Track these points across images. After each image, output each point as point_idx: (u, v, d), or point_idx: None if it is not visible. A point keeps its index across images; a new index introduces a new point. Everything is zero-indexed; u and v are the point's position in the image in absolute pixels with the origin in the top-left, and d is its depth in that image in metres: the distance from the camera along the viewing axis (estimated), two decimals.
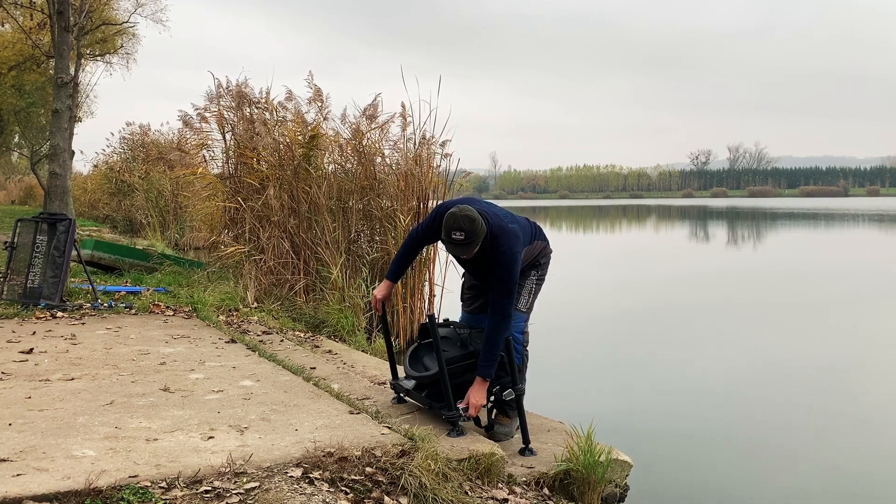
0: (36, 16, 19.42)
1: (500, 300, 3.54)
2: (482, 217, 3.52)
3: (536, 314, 3.97)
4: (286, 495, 2.63)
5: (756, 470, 4.72)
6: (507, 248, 3.55)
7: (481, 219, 3.50)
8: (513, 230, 3.62)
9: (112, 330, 5.75)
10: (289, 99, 9.10)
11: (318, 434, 3.26)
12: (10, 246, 6.98)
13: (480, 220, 3.49)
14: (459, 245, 3.48)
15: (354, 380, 4.61)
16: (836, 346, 8.44)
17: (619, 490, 3.65)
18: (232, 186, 9.18)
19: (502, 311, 3.53)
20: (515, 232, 3.63)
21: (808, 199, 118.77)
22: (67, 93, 10.71)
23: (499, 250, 3.54)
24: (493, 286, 3.60)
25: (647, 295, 12.57)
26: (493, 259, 3.57)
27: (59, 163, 10.56)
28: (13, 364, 4.48)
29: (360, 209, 8.52)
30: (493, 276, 3.60)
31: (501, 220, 3.62)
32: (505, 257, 3.54)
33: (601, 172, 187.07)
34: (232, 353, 5.02)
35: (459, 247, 3.50)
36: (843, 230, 32.69)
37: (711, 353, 8.14)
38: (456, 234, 3.46)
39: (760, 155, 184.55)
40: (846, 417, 5.86)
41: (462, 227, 3.45)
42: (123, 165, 21.87)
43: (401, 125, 8.51)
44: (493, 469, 3.27)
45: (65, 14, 10.68)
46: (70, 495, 2.51)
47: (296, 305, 7.67)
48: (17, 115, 30.27)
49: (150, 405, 3.67)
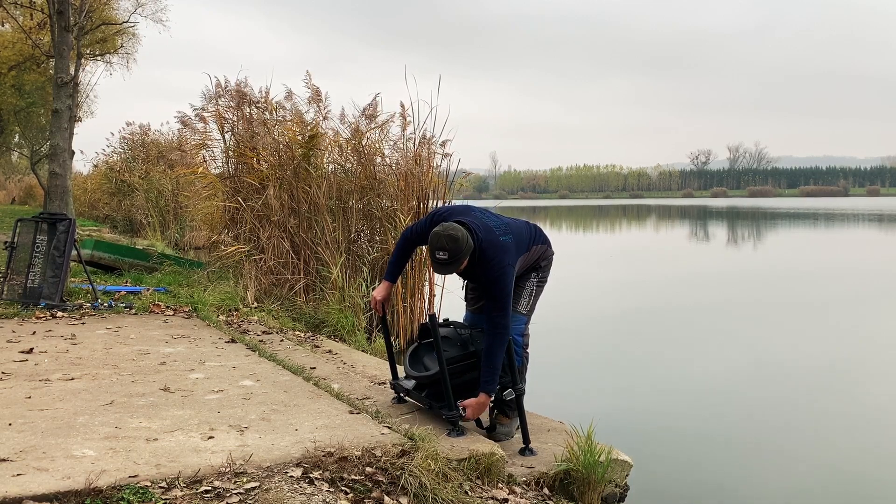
0: (36, 16, 19.42)
1: (494, 315, 3.51)
2: (470, 232, 3.49)
3: (536, 314, 3.97)
4: (286, 495, 2.63)
5: (756, 470, 4.72)
6: (496, 263, 3.51)
7: (467, 235, 3.46)
8: (504, 243, 3.57)
9: (112, 330, 5.75)
10: (288, 98, 9.11)
11: (318, 434, 3.26)
12: (10, 246, 6.98)
13: (466, 237, 3.45)
14: (443, 264, 3.47)
15: (354, 380, 4.61)
16: (835, 346, 8.44)
17: (619, 490, 3.65)
18: (232, 186, 9.18)
19: (498, 326, 3.49)
20: (507, 245, 3.58)
21: (808, 199, 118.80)
22: (67, 93, 10.71)
23: (488, 265, 3.51)
24: (486, 301, 3.60)
25: (647, 295, 12.57)
26: (483, 273, 3.55)
27: (59, 163, 10.55)
28: (13, 364, 4.48)
29: (360, 209, 8.52)
30: (485, 292, 3.61)
31: (492, 234, 3.57)
32: (494, 272, 3.51)
33: (601, 172, 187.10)
34: (232, 353, 5.02)
35: (444, 266, 3.48)
36: (843, 230, 32.69)
37: (711, 353, 8.14)
38: (440, 254, 3.45)
39: (760, 155, 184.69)
40: (846, 417, 5.86)
41: (445, 248, 3.42)
42: (123, 165, 21.87)
43: (400, 125, 8.53)
44: (493, 469, 3.27)
45: (65, 14, 10.68)
46: (70, 495, 2.51)
47: (296, 305, 7.67)
48: (17, 115, 30.27)
49: (150, 405, 3.67)
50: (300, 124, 8.91)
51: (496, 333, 3.49)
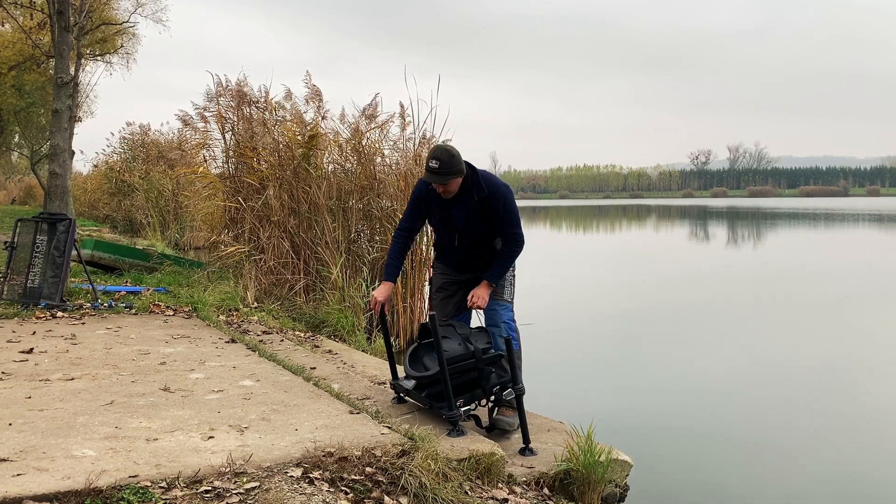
0: (36, 16, 19.42)
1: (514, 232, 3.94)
2: (469, 167, 3.86)
3: (536, 313, 3.98)
4: (286, 495, 2.63)
5: (756, 470, 4.72)
6: (499, 188, 3.90)
7: (461, 158, 3.80)
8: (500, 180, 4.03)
9: (112, 330, 5.75)
10: (287, 98, 9.11)
11: (318, 434, 3.26)
12: (10, 246, 6.98)
13: (460, 157, 3.80)
14: (435, 172, 3.76)
15: (354, 380, 4.61)
16: (836, 346, 8.44)
17: (619, 490, 3.65)
18: (232, 186, 9.18)
19: (518, 237, 3.95)
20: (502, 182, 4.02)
21: (808, 199, 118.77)
22: (67, 93, 10.71)
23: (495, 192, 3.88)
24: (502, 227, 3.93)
25: (647, 295, 12.57)
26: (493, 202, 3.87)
27: (59, 163, 10.56)
28: (13, 364, 4.48)
29: (359, 209, 8.51)
30: (498, 218, 3.91)
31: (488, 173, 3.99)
32: (502, 195, 3.89)
33: (601, 172, 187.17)
34: (232, 353, 5.02)
35: (435, 174, 3.77)
36: (843, 230, 32.69)
37: (711, 353, 8.14)
38: (433, 163, 3.76)
39: (760, 155, 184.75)
40: (846, 417, 5.86)
41: (439, 157, 3.76)
42: (123, 165, 21.88)
43: (400, 125, 8.53)
44: (493, 469, 3.27)
45: (65, 14, 10.68)
46: (70, 495, 2.51)
47: (296, 305, 7.67)
48: (17, 115, 30.28)
49: (151, 405, 3.67)
50: (300, 124, 8.91)
51: (517, 243, 3.96)
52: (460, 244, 4.04)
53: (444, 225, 4.06)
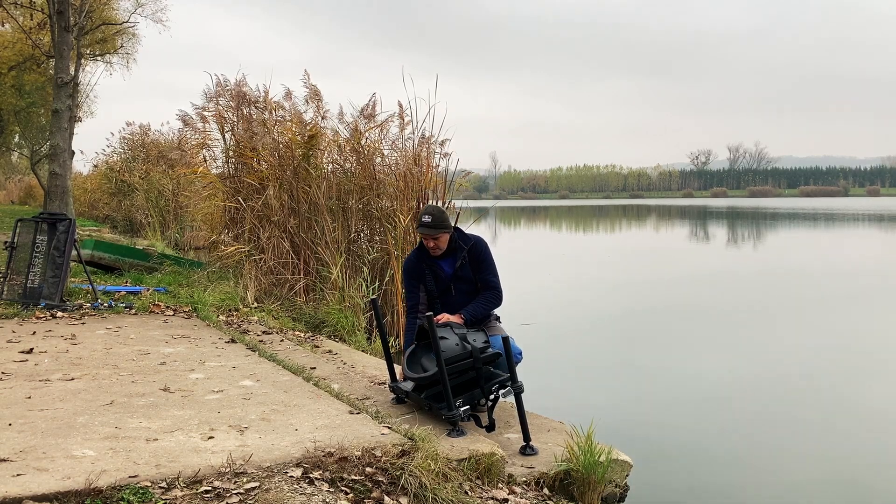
0: (36, 16, 19.42)
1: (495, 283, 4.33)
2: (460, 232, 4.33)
3: (536, 313, 3.98)
4: (286, 495, 2.63)
5: (756, 470, 4.72)
6: (486, 250, 4.37)
7: (449, 217, 4.24)
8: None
9: (112, 330, 5.75)
10: (287, 98, 9.11)
11: (318, 434, 3.26)
12: (10, 246, 6.98)
13: (448, 216, 4.25)
14: (427, 226, 4.18)
15: (354, 380, 4.61)
16: (836, 347, 8.43)
17: (619, 490, 3.64)
18: (232, 186, 9.18)
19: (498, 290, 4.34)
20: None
21: (808, 199, 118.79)
22: (67, 93, 10.71)
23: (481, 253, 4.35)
24: (486, 278, 4.34)
25: (648, 295, 12.57)
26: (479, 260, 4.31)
27: (59, 163, 10.56)
28: (13, 364, 4.48)
29: (359, 209, 8.51)
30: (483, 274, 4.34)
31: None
32: (487, 256, 4.36)
33: (601, 172, 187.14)
34: (232, 353, 5.02)
35: (427, 227, 4.18)
36: (843, 230, 32.69)
37: (712, 354, 8.14)
38: (425, 217, 4.19)
39: (760, 155, 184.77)
40: (846, 418, 5.86)
41: (431, 213, 4.22)
42: (123, 165, 21.88)
43: (399, 125, 8.52)
44: (493, 469, 3.27)
45: (65, 14, 10.68)
46: (70, 495, 2.51)
47: (296, 305, 7.67)
48: (17, 115, 30.26)
49: (150, 405, 3.67)
50: (299, 124, 8.91)
51: (496, 296, 4.35)
52: (456, 292, 4.34)
53: (437, 281, 4.36)
